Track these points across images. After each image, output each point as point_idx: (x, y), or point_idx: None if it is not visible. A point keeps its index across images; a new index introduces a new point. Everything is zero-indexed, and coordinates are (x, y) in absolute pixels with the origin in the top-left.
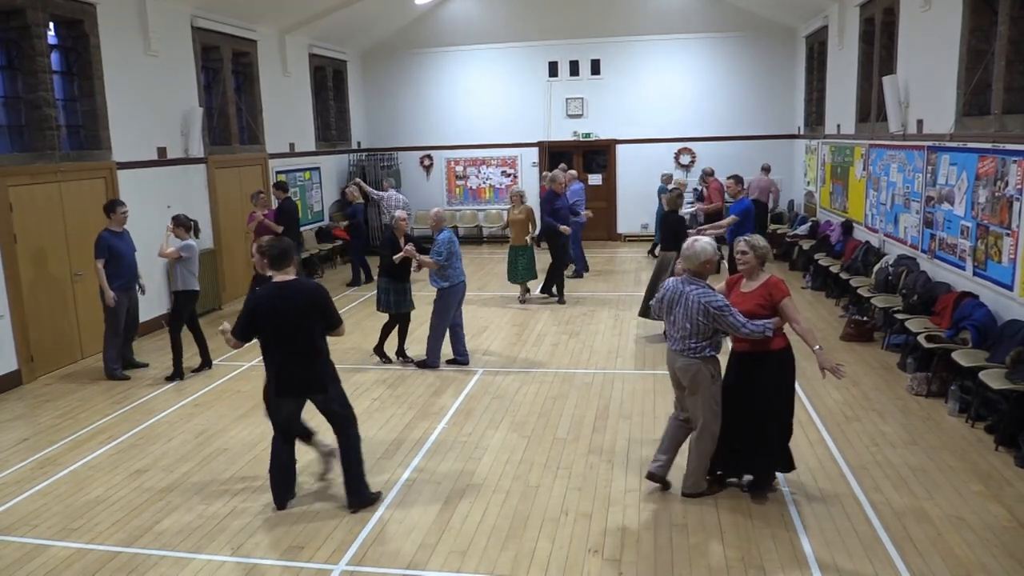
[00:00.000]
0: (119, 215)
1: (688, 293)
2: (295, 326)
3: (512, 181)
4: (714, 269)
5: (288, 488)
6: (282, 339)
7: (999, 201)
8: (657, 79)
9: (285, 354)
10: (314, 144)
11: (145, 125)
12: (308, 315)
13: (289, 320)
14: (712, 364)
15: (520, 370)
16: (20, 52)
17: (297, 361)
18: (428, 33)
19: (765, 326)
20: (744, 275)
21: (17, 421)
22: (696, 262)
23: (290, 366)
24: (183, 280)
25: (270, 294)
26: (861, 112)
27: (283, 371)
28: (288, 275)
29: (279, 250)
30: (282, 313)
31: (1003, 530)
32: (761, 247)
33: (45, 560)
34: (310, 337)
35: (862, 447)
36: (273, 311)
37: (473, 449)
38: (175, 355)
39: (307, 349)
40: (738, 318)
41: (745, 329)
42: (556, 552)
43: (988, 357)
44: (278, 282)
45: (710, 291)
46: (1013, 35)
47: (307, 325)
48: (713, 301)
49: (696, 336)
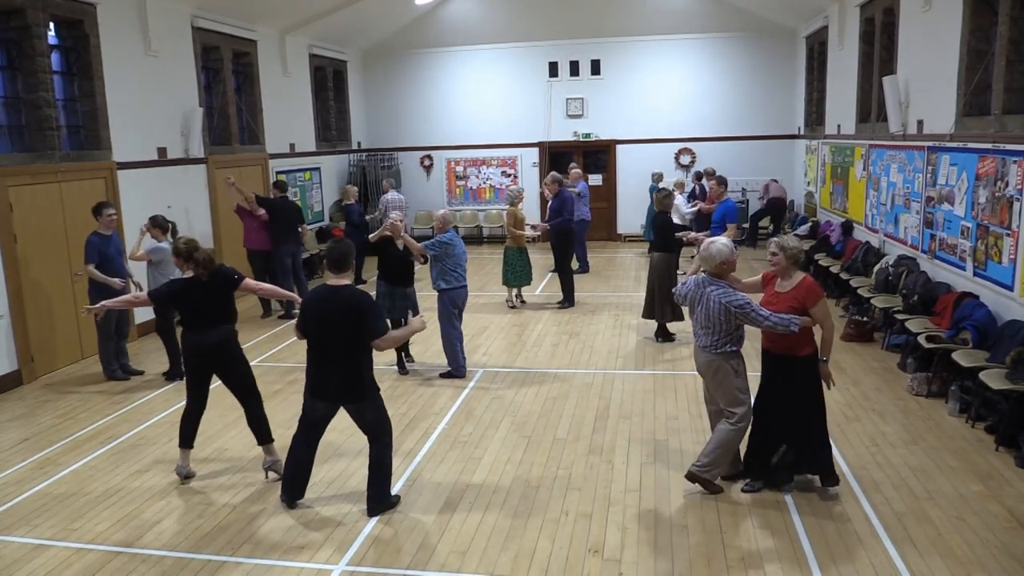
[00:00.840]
0: (106, 218)
1: (709, 294)
2: (335, 331)
3: (512, 182)
4: (732, 269)
5: (298, 485)
6: (321, 342)
7: (999, 201)
8: (657, 79)
9: (322, 357)
10: (314, 144)
11: (145, 125)
12: (348, 322)
13: (330, 325)
14: (734, 359)
15: (520, 370)
16: (20, 52)
17: (333, 367)
18: (428, 33)
19: (791, 320)
20: (778, 275)
21: (17, 421)
22: (714, 263)
23: (325, 370)
24: (155, 283)
25: (319, 296)
26: (861, 112)
27: (318, 374)
28: (343, 279)
29: (339, 252)
30: (326, 317)
31: (1003, 530)
32: (792, 247)
33: (45, 560)
34: (348, 344)
35: (862, 447)
36: (319, 314)
37: (473, 449)
38: (171, 356)
39: (343, 356)
40: (760, 312)
41: (769, 321)
42: (556, 552)
43: (988, 357)
44: (329, 285)
45: (730, 291)
46: (1013, 35)
47: (346, 332)
48: (734, 300)
49: (718, 333)
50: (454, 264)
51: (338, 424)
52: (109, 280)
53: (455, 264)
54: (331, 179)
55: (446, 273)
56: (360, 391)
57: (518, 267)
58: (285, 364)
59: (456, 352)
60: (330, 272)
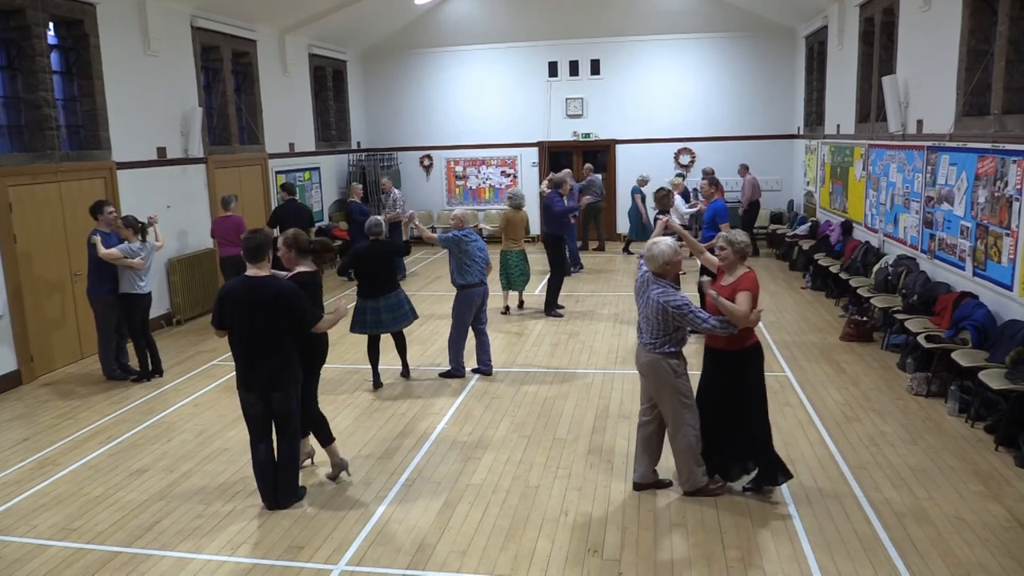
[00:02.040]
0: (106, 216)
1: (650, 292)
2: (262, 322)
3: (512, 181)
4: (677, 269)
5: (271, 487)
6: (247, 333)
7: (999, 201)
8: (657, 79)
9: (249, 348)
10: (314, 144)
11: (145, 125)
12: (273, 313)
13: (252, 316)
14: (674, 359)
15: (520, 370)
16: (20, 52)
17: (260, 358)
18: (428, 33)
19: (731, 322)
20: (724, 269)
21: (17, 421)
22: (657, 263)
23: (253, 362)
24: (128, 283)
25: (238, 287)
26: (861, 112)
27: (247, 366)
28: (262, 270)
29: (255, 243)
30: (253, 308)
31: (1003, 530)
32: (739, 242)
33: (45, 560)
34: (276, 334)
35: (862, 447)
36: (243, 305)
37: (473, 449)
38: (139, 357)
39: (271, 347)
40: (699, 315)
41: (707, 324)
42: (556, 552)
43: (988, 357)
44: (249, 276)
45: (670, 291)
46: (1013, 35)
47: (275, 322)
48: (672, 301)
49: (656, 333)
50: (469, 259)
51: (338, 425)
52: (132, 261)
53: (470, 259)
54: (331, 179)
55: (462, 267)
56: (287, 379)
57: (515, 269)
58: None
59: (459, 352)
60: (248, 263)
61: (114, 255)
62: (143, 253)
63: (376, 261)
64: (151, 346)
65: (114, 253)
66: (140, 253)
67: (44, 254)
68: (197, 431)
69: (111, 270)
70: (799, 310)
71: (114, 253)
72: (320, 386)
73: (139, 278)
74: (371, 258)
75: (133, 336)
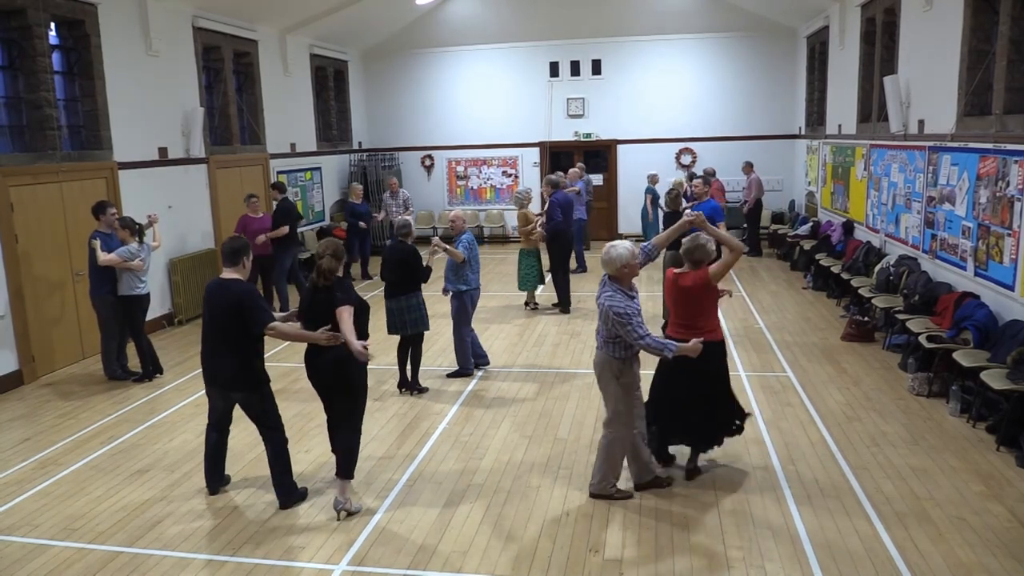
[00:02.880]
0: (108, 217)
1: (602, 294)
2: (222, 322)
3: (513, 181)
4: (633, 273)
5: (218, 472)
6: (211, 332)
7: (1000, 201)
8: (658, 79)
9: (212, 346)
10: (315, 144)
11: (146, 125)
12: (233, 313)
13: (217, 315)
14: (619, 364)
15: (521, 370)
16: (21, 52)
17: (221, 356)
18: (429, 33)
19: (667, 345)
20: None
21: (18, 421)
22: (614, 266)
23: (215, 359)
24: (127, 284)
25: (210, 288)
26: (862, 112)
27: (210, 362)
28: (234, 273)
29: (231, 248)
30: (215, 307)
31: (1004, 530)
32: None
33: (46, 560)
34: (235, 334)
35: (863, 447)
36: (209, 305)
37: (474, 449)
38: (140, 358)
39: (231, 346)
40: (637, 329)
41: (641, 341)
42: (557, 552)
43: (989, 357)
44: (221, 278)
45: (617, 296)
46: (1014, 35)
47: (232, 323)
48: (615, 307)
49: (604, 335)
50: (477, 265)
51: None
52: (131, 264)
53: (477, 265)
54: (332, 179)
55: (461, 274)
56: (247, 381)
57: (525, 270)
58: (286, 364)
59: (468, 353)
60: (224, 266)
61: (113, 260)
62: (142, 254)
63: (393, 262)
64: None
65: (113, 259)
66: (139, 255)
67: (45, 254)
68: (198, 431)
69: (111, 271)
70: (800, 310)
71: (113, 259)
72: None
73: (138, 279)
74: (389, 259)
75: (135, 337)
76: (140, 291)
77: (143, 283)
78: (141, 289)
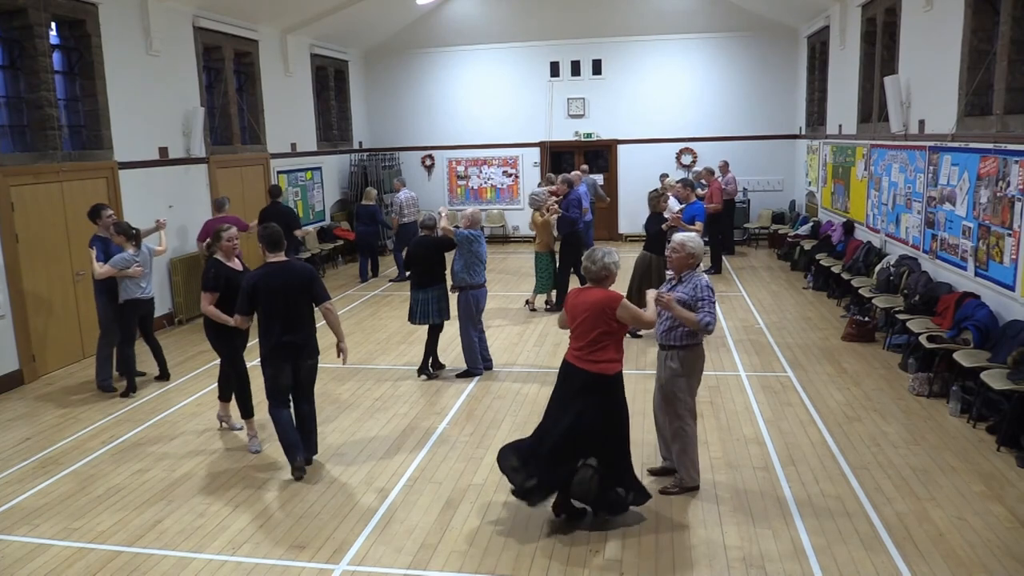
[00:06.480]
0: (105, 220)
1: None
2: (295, 298)
3: (513, 181)
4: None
5: (310, 445)
6: (283, 309)
7: (1001, 201)
8: (659, 79)
9: (283, 323)
10: (316, 144)
11: (147, 125)
12: (303, 289)
13: (291, 293)
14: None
15: (522, 370)
16: (22, 52)
17: (298, 329)
18: (429, 33)
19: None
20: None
21: (19, 420)
22: (697, 260)
23: (289, 333)
24: (128, 290)
25: (268, 273)
26: (863, 112)
27: (280, 339)
28: (280, 257)
29: (273, 234)
30: (288, 286)
31: (1005, 531)
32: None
33: (47, 560)
34: (305, 308)
35: (863, 447)
36: (271, 288)
37: (475, 449)
38: (127, 370)
39: (305, 318)
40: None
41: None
42: (558, 552)
43: (990, 357)
44: (273, 262)
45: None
46: (1015, 35)
47: (302, 298)
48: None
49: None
50: (476, 260)
51: (340, 425)
52: (128, 271)
53: (477, 260)
54: (332, 179)
55: (470, 267)
56: (316, 348)
57: (539, 272)
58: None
59: (476, 353)
60: (269, 251)
61: (108, 272)
62: (139, 260)
63: (419, 256)
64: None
65: (108, 271)
66: (136, 260)
67: (46, 254)
68: (199, 431)
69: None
70: (800, 310)
71: (108, 271)
72: (323, 384)
73: (139, 284)
74: (415, 253)
75: (146, 340)
76: (142, 295)
77: (145, 287)
78: (143, 293)
